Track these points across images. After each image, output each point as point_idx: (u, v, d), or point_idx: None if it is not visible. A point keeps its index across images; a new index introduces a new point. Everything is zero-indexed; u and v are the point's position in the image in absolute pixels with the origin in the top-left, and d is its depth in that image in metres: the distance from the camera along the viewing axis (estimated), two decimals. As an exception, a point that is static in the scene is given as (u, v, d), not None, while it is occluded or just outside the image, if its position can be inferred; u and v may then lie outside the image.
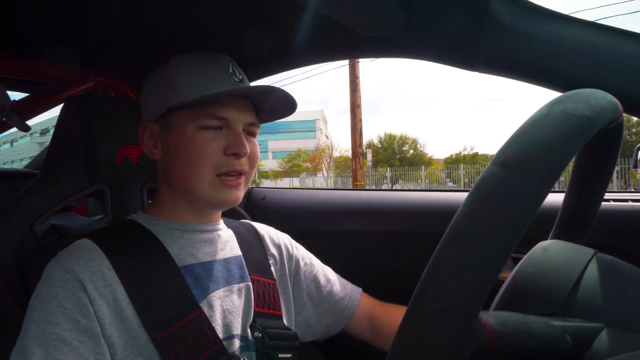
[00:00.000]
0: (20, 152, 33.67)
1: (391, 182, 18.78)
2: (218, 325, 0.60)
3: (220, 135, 0.62)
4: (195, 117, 0.61)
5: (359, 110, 10.53)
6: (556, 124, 0.29)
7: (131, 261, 0.58)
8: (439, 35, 0.65)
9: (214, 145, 0.61)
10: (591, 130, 0.30)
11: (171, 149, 0.63)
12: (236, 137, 0.62)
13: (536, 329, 0.31)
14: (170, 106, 0.62)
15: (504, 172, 0.27)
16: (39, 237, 0.74)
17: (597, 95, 0.33)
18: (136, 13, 0.75)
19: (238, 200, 0.64)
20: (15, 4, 0.70)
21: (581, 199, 0.46)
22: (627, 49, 0.49)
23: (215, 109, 0.61)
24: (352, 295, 0.81)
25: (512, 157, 0.28)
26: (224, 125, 0.62)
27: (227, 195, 0.62)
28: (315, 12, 0.71)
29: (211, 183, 0.61)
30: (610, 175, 0.44)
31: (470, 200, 0.28)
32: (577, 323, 0.33)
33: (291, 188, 1.66)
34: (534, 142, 0.28)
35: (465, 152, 24.93)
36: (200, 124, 0.61)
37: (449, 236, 0.27)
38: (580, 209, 0.47)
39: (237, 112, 0.62)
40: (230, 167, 0.61)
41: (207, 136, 0.61)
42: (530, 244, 0.44)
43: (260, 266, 0.72)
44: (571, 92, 0.33)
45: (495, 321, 0.29)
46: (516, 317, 0.31)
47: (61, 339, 0.49)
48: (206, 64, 0.64)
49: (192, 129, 0.61)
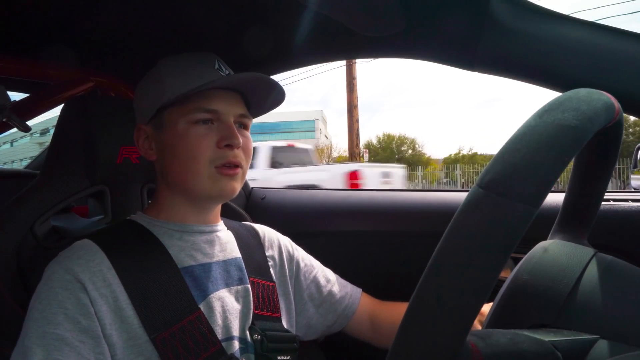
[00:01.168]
0: (20, 152, 33.71)
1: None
2: (217, 326, 0.60)
3: (212, 129, 0.62)
4: (185, 112, 0.61)
5: (355, 110, 10.60)
6: (544, 138, 0.28)
7: (131, 261, 0.58)
8: (439, 35, 0.65)
9: (206, 139, 0.61)
10: (582, 140, 0.29)
11: (166, 147, 0.64)
12: (228, 129, 0.62)
13: (525, 349, 0.31)
14: (160, 105, 0.63)
15: (489, 195, 0.27)
16: (39, 237, 0.74)
17: (591, 98, 0.32)
18: (136, 13, 0.75)
19: (235, 191, 0.64)
20: (15, 4, 0.70)
21: (582, 198, 0.46)
22: (627, 49, 0.49)
23: (204, 102, 0.61)
24: (353, 294, 0.81)
25: (497, 179, 0.27)
26: (215, 119, 0.62)
27: (225, 185, 0.62)
28: (315, 12, 0.71)
29: (209, 175, 0.61)
30: (610, 173, 0.44)
31: (454, 225, 0.27)
32: (570, 337, 0.33)
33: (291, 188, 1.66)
34: (519, 162, 0.27)
35: (464, 152, 24.96)
36: (190, 118, 0.61)
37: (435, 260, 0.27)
38: (580, 207, 0.47)
39: (226, 104, 0.63)
40: (226, 159, 0.61)
41: (199, 131, 0.61)
42: (530, 244, 0.44)
43: (259, 268, 0.72)
44: (564, 96, 0.32)
45: (482, 344, 0.29)
46: (504, 338, 0.31)
47: (62, 339, 0.49)
48: (194, 62, 0.65)
49: (184, 124, 0.61)
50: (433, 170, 20.44)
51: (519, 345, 0.31)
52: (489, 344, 0.29)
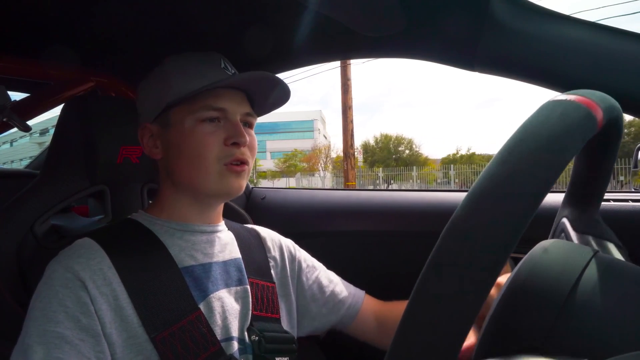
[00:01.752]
0: (20, 152, 33.72)
1: (384, 182, 18.87)
2: (217, 326, 0.60)
3: (218, 127, 0.62)
4: (192, 110, 0.62)
5: (350, 111, 10.73)
6: (562, 119, 0.28)
7: (132, 260, 0.58)
8: (439, 35, 0.65)
9: (213, 137, 0.62)
10: (594, 127, 0.29)
11: (172, 146, 0.64)
12: (235, 127, 0.63)
13: None
14: (167, 103, 0.63)
15: (503, 170, 0.27)
16: (39, 237, 0.74)
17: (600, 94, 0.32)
18: (136, 13, 0.75)
19: (242, 189, 0.65)
20: (15, 4, 0.70)
21: (581, 198, 0.46)
22: (627, 49, 0.49)
23: (212, 100, 0.62)
24: (356, 294, 0.81)
25: (512, 155, 0.28)
26: (221, 117, 0.63)
27: (232, 182, 0.63)
28: (315, 12, 0.71)
29: (218, 172, 0.62)
30: (610, 174, 0.44)
31: (469, 198, 0.28)
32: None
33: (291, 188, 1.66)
34: (535, 140, 0.28)
35: (462, 152, 24.99)
36: (198, 116, 0.62)
37: (446, 235, 0.27)
38: (580, 208, 0.47)
39: (233, 103, 0.64)
40: (233, 156, 0.62)
41: (206, 129, 0.62)
42: (530, 244, 0.44)
43: (259, 269, 0.72)
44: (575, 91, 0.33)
45: None
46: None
47: (62, 337, 0.49)
48: (199, 61, 0.65)
49: (191, 122, 0.62)
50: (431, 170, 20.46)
51: None
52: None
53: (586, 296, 0.36)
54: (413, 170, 18.89)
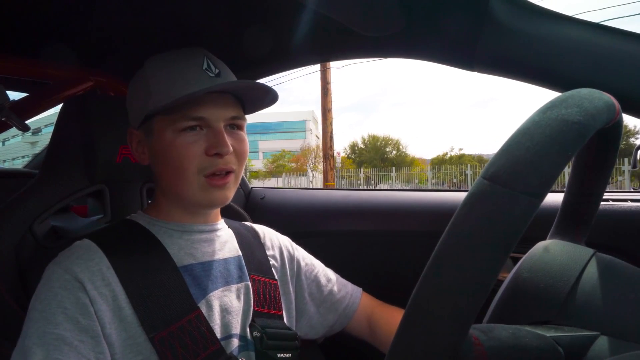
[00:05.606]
0: (11, 151, 33.64)
1: (365, 183, 19.00)
2: (216, 325, 0.60)
3: (200, 136, 0.59)
4: (172, 121, 0.59)
5: (329, 114, 11.01)
6: (548, 132, 0.28)
7: (130, 261, 0.58)
8: (439, 35, 0.65)
9: (194, 147, 0.59)
10: (584, 135, 0.29)
11: (155, 154, 0.62)
12: (217, 135, 0.59)
13: (527, 343, 0.31)
14: (146, 113, 0.61)
15: (494, 187, 0.27)
16: (38, 237, 0.74)
17: (593, 96, 0.32)
18: (136, 13, 0.75)
19: (227, 200, 0.63)
20: (15, 4, 0.70)
21: (581, 198, 0.46)
22: (626, 49, 0.50)
23: (191, 110, 0.58)
24: (353, 293, 0.81)
25: (501, 172, 0.27)
26: (203, 125, 0.60)
27: (216, 196, 0.61)
28: (314, 12, 0.71)
29: (199, 185, 0.60)
30: (610, 173, 0.44)
31: (459, 216, 0.27)
32: (571, 333, 0.33)
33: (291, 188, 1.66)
34: (523, 155, 0.27)
35: (453, 153, 25.03)
36: (177, 127, 0.59)
37: (438, 253, 0.27)
38: (579, 208, 0.47)
39: (215, 109, 0.60)
40: (215, 167, 0.60)
41: (187, 139, 0.59)
42: (530, 243, 0.44)
43: (260, 266, 0.71)
44: (566, 94, 0.32)
45: (484, 337, 0.29)
46: (506, 332, 0.31)
47: (62, 338, 0.49)
48: (180, 64, 0.62)
49: (171, 133, 0.59)
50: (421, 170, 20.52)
51: (521, 339, 0.31)
52: (491, 337, 0.29)
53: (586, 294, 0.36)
54: (392, 171, 19.00)
